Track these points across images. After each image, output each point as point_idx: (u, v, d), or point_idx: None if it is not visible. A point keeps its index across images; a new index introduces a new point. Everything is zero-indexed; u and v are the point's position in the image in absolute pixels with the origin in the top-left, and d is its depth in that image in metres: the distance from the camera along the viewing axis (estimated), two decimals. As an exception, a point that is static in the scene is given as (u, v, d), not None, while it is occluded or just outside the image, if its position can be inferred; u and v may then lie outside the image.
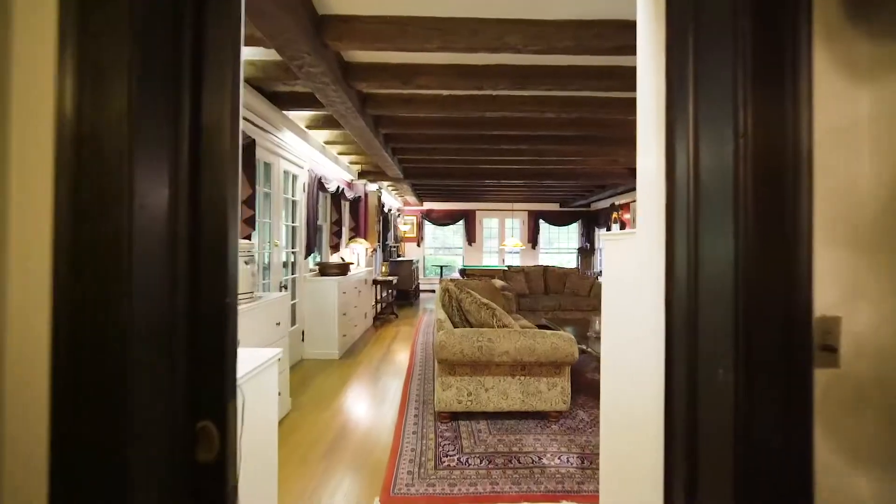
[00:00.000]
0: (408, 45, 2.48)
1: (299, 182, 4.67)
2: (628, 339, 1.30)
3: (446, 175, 7.17)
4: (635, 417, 1.24)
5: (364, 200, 7.23)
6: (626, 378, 1.32)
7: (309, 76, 2.72)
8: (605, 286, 1.51)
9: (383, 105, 3.74)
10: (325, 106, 3.36)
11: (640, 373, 1.20)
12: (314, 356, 4.75)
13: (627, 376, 1.31)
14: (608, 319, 1.49)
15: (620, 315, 1.38)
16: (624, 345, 1.35)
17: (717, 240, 0.80)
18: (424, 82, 3.06)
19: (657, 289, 1.02)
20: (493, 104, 3.75)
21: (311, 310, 4.73)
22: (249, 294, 2.69)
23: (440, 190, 9.92)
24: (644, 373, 1.15)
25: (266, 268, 4.01)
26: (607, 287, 1.49)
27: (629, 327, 1.29)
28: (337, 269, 5.06)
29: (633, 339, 1.26)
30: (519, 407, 3.01)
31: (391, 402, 3.53)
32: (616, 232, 1.36)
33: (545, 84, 3.10)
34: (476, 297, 3.16)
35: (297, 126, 4.28)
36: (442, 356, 2.88)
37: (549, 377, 3.02)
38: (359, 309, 5.79)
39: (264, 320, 2.78)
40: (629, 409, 1.28)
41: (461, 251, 12.58)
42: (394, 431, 2.95)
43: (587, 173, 7.01)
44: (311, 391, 3.78)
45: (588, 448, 2.71)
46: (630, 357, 1.29)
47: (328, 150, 5.37)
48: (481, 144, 5.04)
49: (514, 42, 2.44)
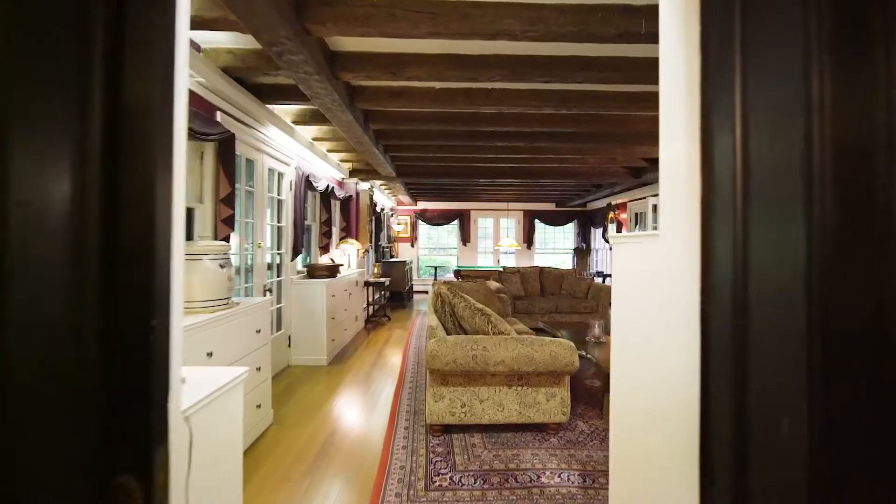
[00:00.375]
0: (395, 30, 2.29)
1: (286, 180, 4.47)
2: (645, 360, 1.12)
3: (440, 174, 6.98)
4: (653, 466, 1.06)
5: (355, 200, 7.02)
6: (643, 414, 1.14)
7: (290, 65, 2.52)
8: (616, 294, 1.34)
9: (373, 98, 3.55)
10: (310, 99, 3.16)
11: (662, 409, 1.02)
12: (301, 362, 4.55)
13: (645, 413, 1.12)
14: (620, 333, 1.32)
15: (635, 329, 1.20)
16: (639, 365, 1.17)
17: (779, 240, 0.62)
18: (415, 73, 2.87)
19: (685, 301, 0.84)
20: (489, 99, 3.57)
21: (298, 314, 4.53)
22: (225, 300, 2.49)
23: (434, 189, 9.73)
24: (668, 409, 0.97)
25: (249, 270, 3.80)
26: (619, 295, 1.31)
27: (647, 346, 1.11)
28: (326, 271, 4.86)
29: (651, 360, 1.08)
30: (516, 419, 2.83)
31: (381, 411, 3.34)
32: (631, 234, 1.18)
33: (544, 76, 2.93)
34: (470, 302, 2.97)
35: (283, 121, 4.08)
36: (434, 366, 2.69)
37: (547, 387, 2.84)
38: (349, 312, 5.59)
39: (242, 328, 2.58)
40: (645, 453, 1.10)
41: (456, 251, 12.40)
42: (382, 446, 2.75)
43: (584, 172, 6.85)
44: (295, 401, 3.57)
45: (590, 465, 2.53)
46: (648, 385, 1.11)
47: (317, 148, 5.17)
48: (476, 141, 4.86)
49: (510, 27, 2.25)
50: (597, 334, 4.06)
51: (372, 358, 4.93)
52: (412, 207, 12.06)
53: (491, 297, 4.89)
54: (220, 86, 2.93)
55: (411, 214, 12.09)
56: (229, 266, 2.54)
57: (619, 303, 1.31)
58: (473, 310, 2.91)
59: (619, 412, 1.34)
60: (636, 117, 4.26)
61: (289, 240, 4.50)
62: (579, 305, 6.35)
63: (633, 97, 3.59)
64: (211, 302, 2.40)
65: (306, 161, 5.02)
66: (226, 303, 2.50)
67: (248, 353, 2.65)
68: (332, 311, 4.78)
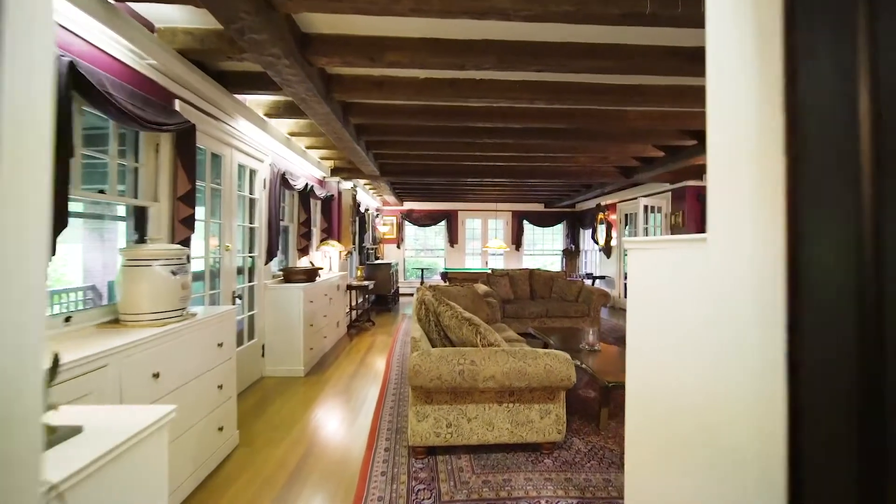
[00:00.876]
0: (372, 6, 2.03)
1: (259, 177, 4.15)
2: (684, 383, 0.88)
3: (426, 172, 6.72)
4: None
5: (337, 199, 6.71)
6: (678, 473, 0.89)
7: (254, 46, 2.23)
8: (634, 313, 1.09)
9: (352, 88, 3.27)
10: (282, 88, 2.87)
11: (716, 447, 0.77)
12: (276, 373, 4.23)
13: (682, 471, 0.88)
14: (642, 351, 1.07)
15: (667, 349, 0.96)
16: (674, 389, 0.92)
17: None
18: (396, 59, 2.61)
19: (753, 316, 0.60)
20: (477, 91, 3.32)
21: (273, 321, 4.21)
22: (178, 311, 2.19)
23: (421, 189, 9.46)
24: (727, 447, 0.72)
25: (216, 276, 3.48)
26: (638, 315, 1.07)
27: (687, 368, 0.87)
28: (303, 275, 4.55)
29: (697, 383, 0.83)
30: (507, 439, 2.58)
31: (360, 428, 3.06)
32: (662, 238, 0.94)
33: (536, 64, 2.69)
34: (457, 311, 2.72)
35: (254, 113, 3.77)
36: (416, 382, 2.43)
37: (541, 403, 2.60)
38: (329, 318, 5.29)
39: (200, 342, 2.28)
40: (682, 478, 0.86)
41: (443, 253, 12.14)
42: (360, 472, 2.48)
43: (575, 172, 6.66)
44: (267, 417, 3.27)
45: (588, 490, 2.29)
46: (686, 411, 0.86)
47: (294, 143, 4.86)
48: (464, 138, 4.61)
49: (502, 5, 2.01)
50: (591, 342, 3.85)
51: (353, 367, 4.64)
52: (398, 208, 11.76)
53: (479, 302, 4.64)
54: (178, 70, 2.63)
55: (397, 215, 11.79)
56: (184, 272, 2.24)
57: (638, 324, 1.06)
58: (460, 319, 2.65)
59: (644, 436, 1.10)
60: (630, 113, 4.06)
61: (262, 242, 4.19)
62: (570, 309, 6.15)
63: (629, 91, 3.38)
64: (161, 314, 2.10)
65: (282, 157, 4.71)
66: (179, 314, 2.20)
67: (206, 371, 2.35)
68: (310, 318, 4.47)
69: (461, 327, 2.65)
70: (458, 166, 6.61)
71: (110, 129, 2.33)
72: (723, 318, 0.72)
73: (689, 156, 5.15)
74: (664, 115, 4.10)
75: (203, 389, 2.31)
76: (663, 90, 3.39)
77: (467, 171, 6.67)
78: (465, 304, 4.42)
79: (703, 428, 0.81)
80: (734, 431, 0.72)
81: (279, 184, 4.39)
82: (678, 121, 4.11)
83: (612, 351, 3.79)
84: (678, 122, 4.11)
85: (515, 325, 5.96)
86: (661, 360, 0.99)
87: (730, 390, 0.73)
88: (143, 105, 2.33)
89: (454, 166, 6.62)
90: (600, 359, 3.52)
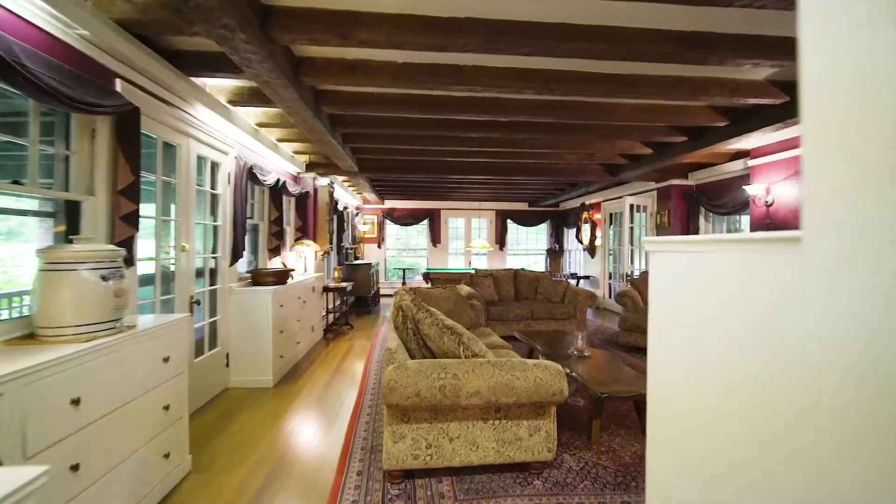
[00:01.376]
0: (339, -32, 1.74)
1: (222, 171, 3.81)
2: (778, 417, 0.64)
3: (408, 168, 6.43)
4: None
5: (313, 196, 6.37)
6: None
7: (202, 14, 1.92)
8: (657, 332, 0.85)
9: (323, 73, 2.97)
10: (242, 70, 2.55)
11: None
12: (242, 384, 3.90)
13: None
14: (703, 381, 0.83)
15: (733, 379, 0.72)
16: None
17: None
18: (369, 36, 2.33)
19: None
20: (460, 78, 3.07)
21: (238, 328, 3.88)
22: (111, 323, 1.86)
23: (402, 186, 9.17)
24: None
25: (171, 279, 3.13)
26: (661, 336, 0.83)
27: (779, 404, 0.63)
28: (273, 277, 4.22)
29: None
30: (493, 459, 2.33)
31: (331, 446, 2.77)
32: (728, 235, 0.69)
33: (526, 46, 2.45)
34: (437, 318, 2.46)
35: (215, 100, 3.43)
36: (392, 400, 2.16)
37: (530, 420, 2.36)
38: (303, 322, 4.96)
39: (139, 357, 1.96)
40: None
41: (426, 253, 11.86)
42: (328, 500, 2.20)
43: (561, 169, 6.47)
44: (227, 436, 2.95)
45: (583, 518, 2.07)
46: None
47: (263, 135, 4.51)
48: (446, 132, 4.35)
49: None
50: (580, 347, 3.64)
51: (328, 375, 4.33)
52: (379, 206, 11.43)
53: (462, 305, 4.39)
54: (118, 45, 2.29)
55: (378, 213, 11.46)
56: (118, 277, 1.91)
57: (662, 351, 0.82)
58: (441, 328, 2.39)
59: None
60: (621, 106, 3.87)
61: (227, 241, 3.84)
62: (556, 311, 5.95)
63: (621, 80, 3.18)
64: (87, 326, 1.78)
65: (250, 150, 4.36)
66: (112, 326, 1.88)
67: (148, 390, 2.03)
68: (281, 323, 4.15)
69: (442, 336, 2.39)
70: (441, 163, 6.35)
71: (30, 109, 1.98)
72: (836, 333, 0.48)
73: (677, 153, 5.01)
74: (656, 108, 3.92)
75: (143, 412, 1.99)
76: (657, 81, 3.20)
77: (450, 167, 6.41)
78: (448, 307, 4.16)
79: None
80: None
81: (246, 178, 4.05)
82: (671, 115, 3.93)
83: (602, 356, 3.59)
84: (671, 116, 3.94)
85: (500, 328, 5.74)
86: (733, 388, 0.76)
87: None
88: (73, 83, 1.99)
89: (437, 162, 6.35)
90: (591, 366, 3.31)
